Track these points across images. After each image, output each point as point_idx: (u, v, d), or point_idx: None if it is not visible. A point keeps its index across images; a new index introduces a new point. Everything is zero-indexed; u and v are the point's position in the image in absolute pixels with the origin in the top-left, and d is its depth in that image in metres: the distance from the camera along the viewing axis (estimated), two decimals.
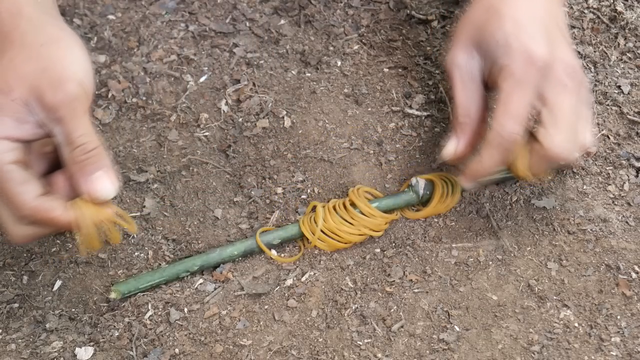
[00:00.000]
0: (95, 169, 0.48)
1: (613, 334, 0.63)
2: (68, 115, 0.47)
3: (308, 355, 0.61)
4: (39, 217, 0.49)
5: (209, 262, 0.66)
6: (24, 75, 0.47)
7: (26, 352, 0.60)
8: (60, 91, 0.46)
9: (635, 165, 0.75)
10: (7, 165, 0.47)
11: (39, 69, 0.47)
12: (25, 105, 0.47)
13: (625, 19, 0.88)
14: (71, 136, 0.47)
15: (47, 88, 0.46)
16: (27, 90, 0.46)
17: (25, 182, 0.48)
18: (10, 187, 0.47)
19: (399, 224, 0.70)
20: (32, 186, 0.48)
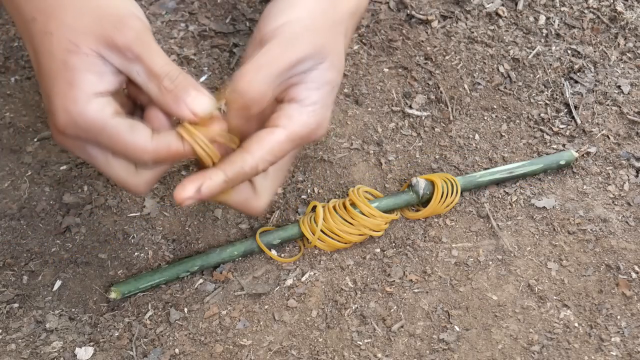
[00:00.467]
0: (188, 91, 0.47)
1: (613, 334, 0.63)
2: (143, 51, 0.46)
3: (308, 355, 0.61)
4: (161, 156, 0.48)
5: (209, 262, 0.66)
6: (84, 29, 0.46)
7: (26, 352, 0.60)
8: (127, 30, 0.45)
9: (635, 165, 0.75)
10: (112, 120, 0.46)
11: (97, 18, 0.46)
12: (99, 56, 0.46)
13: (625, 19, 0.88)
14: (154, 70, 0.46)
15: (113, 32, 0.45)
16: (94, 42, 0.46)
17: (134, 128, 0.47)
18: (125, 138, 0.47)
19: (399, 224, 0.70)
20: (142, 129, 0.48)
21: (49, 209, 0.68)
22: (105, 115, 0.46)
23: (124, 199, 0.70)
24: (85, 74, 0.46)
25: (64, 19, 0.46)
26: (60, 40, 0.46)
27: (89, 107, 0.46)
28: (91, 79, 0.46)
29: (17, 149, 0.72)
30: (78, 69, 0.45)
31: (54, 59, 0.46)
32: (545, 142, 0.77)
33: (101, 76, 0.46)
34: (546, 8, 0.90)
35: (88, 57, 0.45)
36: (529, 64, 0.84)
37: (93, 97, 0.46)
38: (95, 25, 0.46)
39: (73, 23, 0.46)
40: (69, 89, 0.46)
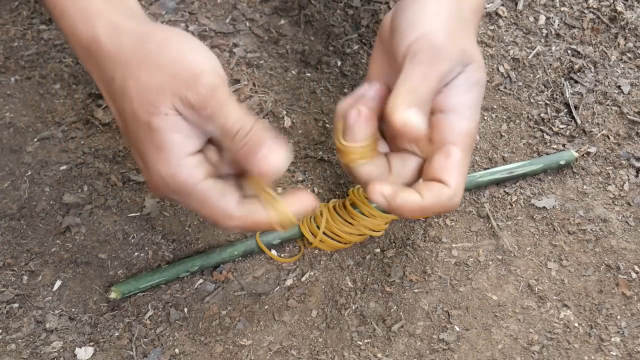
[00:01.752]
0: (258, 148, 0.45)
1: (613, 334, 0.63)
2: (216, 108, 0.45)
3: (308, 355, 0.61)
4: (247, 225, 0.48)
5: (209, 262, 0.66)
6: (160, 87, 0.44)
7: (26, 352, 0.60)
8: (200, 87, 0.44)
9: (635, 165, 0.75)
10: (202, 183, 0.46)
11: (170, 75, 0.45)
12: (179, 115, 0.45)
13: (625, 19, 0.88)
14: (225, 127, 0.45)
15: (186, 90, 0.44)
16: (170, 100, 0.44)
17: (223, 193, 0.46)
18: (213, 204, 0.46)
19: (399, 224, 0.70)
20: (231, 195, 0.47)
21: (49, 209, 0.68)
22: (195, 178, 0.45)
23: (124, 199, 0.70)
24: (171, 135, 0.45)
25: (140, 78, 0.45)
26: (140, 102, 0.45)
27: (180, 170, 0.45)
28: (178, 139, 0.45)
29: (17, 149, 0.72)
30: (162, 130, 0.45)
31: (138, 122, 0.45)
32: (545, 142, 0.77)
33: (187, 135, 0.45)
34: (546, 8, 0.90)
35: (169, 117, 0.45)
36: (529, 64, 0.84)
37: (184, 158, 0.45)
38: (169, 83, 0.44)
39: (149, 82, 0.45)
40: (158, 152, 0.45)
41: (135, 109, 0.45)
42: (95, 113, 0.76)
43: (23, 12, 0.84)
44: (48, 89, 0.78)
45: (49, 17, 0.83)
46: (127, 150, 0.73)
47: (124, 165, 0.72)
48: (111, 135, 0.74)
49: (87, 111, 0.76)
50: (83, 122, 0.75)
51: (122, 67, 0.46)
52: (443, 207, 0.48)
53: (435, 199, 0.48)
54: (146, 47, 0.46)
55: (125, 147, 0.74)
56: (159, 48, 0.46)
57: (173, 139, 0.45)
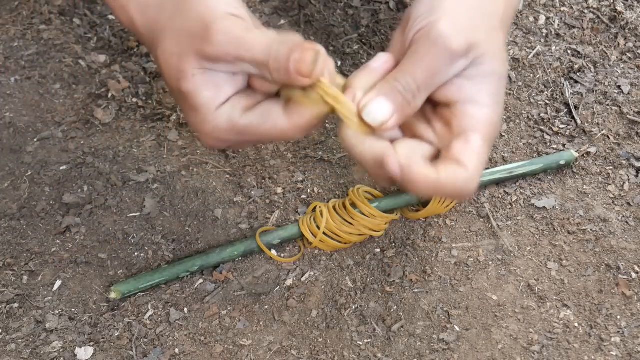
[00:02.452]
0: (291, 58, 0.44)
1: (613, 334, 0.63)
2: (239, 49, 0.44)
3: (308, 355, 0.61)
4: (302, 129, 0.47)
5: (209, 262, 0.66)
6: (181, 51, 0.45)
7: (26, 352, 0.60)
8: (215, 37, 0.44)
9: (635, 165, 0.75)
10: (242, 120, 0.46)
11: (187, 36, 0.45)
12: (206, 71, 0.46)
13: (625, 19, 0.88)
14: (257, 61, 0.45)
15: (203, 46, 0.44)
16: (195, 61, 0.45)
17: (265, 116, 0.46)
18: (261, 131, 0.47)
19: (399, 224, 0.70)
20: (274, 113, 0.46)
21: (49, 209, 0.68)
22: (234, 119, 0.46)
23: (124, 199, 0.70)
24: (202, 95, 0.46)
25: (164, 47, 0.47)
26: (169, 71, 0.46)
27: (217, 121, 0.46)
28: (208, 95, 0.46)
29: (17, 149, 0.72)
30: (192, 93, 0.46)
31: (172, 91, 0.47)
32: (545, 142, 0.77)
33: (218, 88, 0.46)
34: (546, 8, 0.90)
35: (196, 77, 0.45)
36: (529, 64, 0.84)
37: (219, 109, 0.46)
38: (189, 44, 0.45)
39: (171, 48, 0.46)
40: (195, 113, 0.46)
41: (167, 79, 0.47)
42: (95, 113, 0.76)
43: (23, 12, 0.84)
44: (48, 89, 0.78)
45: (49, 17, 0.83)
46: (127, 150, 0.73)
47: (124, 165, 0.72)
48: (111, 135, 0.74)
49: (87, 111, 0.76)
50: (83, 122, 0.75)
51: (154, 43, 0.48)
52: (458, 189, 0.46)
53: (452, 178, 0.46)
54: (165, 14, 0.47)
55: (125, 147, 0.74)
56: (175, 10, 0.47)
57: (205, 97, 0.46)
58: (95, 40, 0.82)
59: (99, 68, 0.79)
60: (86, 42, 0.82)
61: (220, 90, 0.46)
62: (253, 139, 0.48)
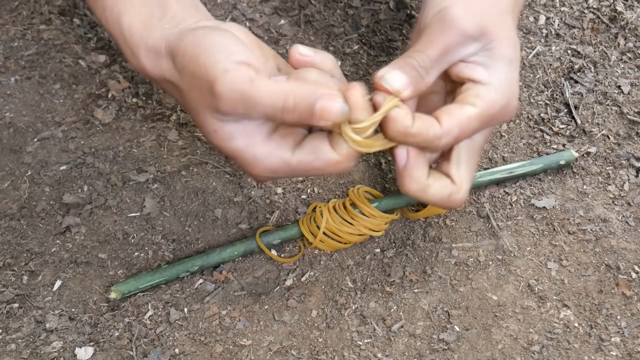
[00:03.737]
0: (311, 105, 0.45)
1: (613, 334, 0.63)
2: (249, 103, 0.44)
3: (308, 355, 0.61)
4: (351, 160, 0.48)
5: (209, 262, 0.66)
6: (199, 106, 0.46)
7: (26, 352, 0.60)
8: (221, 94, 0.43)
9: (635, 165, 0.75)
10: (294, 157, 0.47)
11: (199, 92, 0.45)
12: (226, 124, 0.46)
13: (625, 19, 0.88)
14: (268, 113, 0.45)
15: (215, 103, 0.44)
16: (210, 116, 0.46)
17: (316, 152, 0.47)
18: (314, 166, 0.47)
19: (399, 224, 0.70)
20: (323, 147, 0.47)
21: (49, 209, 0.68)
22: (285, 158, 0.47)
23: (124, 199, 0.70)
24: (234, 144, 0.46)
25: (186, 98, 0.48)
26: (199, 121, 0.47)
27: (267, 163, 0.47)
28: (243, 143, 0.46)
29: (17, 149, 0.72)
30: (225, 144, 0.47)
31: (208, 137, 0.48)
32: (545, 142, 0.77)
33: (248, 134, 0.46)
34: (546, 8, 0.90)
35: (219, 132, 0.46)
36: (529, 64, 0.84)
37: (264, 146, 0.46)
38: (202, 101, 0.46)
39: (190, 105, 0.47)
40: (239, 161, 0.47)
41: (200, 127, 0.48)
42: (95, 113, 0.76)
43: (23, 12, 0.84)
44: (48, 89, 0.78)
45: (49, 17, 0.83)
46: (127, 150, 0.73)
47: (124, 165, 0.72)
48: (111, 135, 0.74)
49: (87, 111, 0.76)
50: (83, 122, 0.75)
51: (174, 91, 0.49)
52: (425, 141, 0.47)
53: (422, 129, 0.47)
54: (177, 66, 0.48)
55: (125, 147, 0.74)
56: (185, 62, 0.46)
57: (239, 146, 0.46)
58: (95, 40, 0.82)
59: (99, 68, 0.79)
60: (86, 42, 0.82)
61: (250, 135, 0.46)
62: (306, 174, 0.49)
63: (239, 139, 0.46)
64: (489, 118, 0.49)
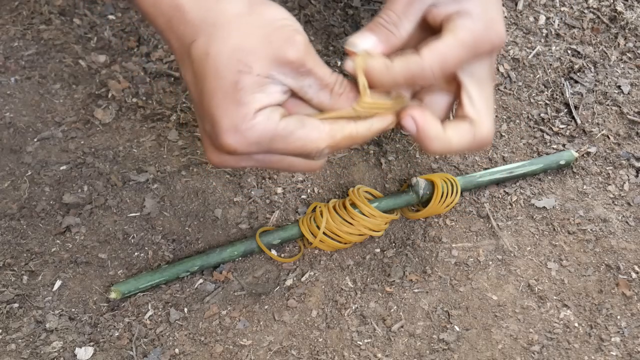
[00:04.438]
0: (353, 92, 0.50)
1: (613, 334, 0.63)
2: (314, 64, 0.48)
3: (308, 355, 0.61)
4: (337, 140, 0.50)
5: (209, 262, 0.66)
6: (254, 49, 0.47)
7: (26, 352, 0.60)
8: (297, 46, 0.47)
9: (635, 165, 0.75)
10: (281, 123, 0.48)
11: (264, 37, 0.47)
12: (269, 77, 0.48)
13: (625, 19, 0.88)
14: (325, 80, 0.49)
15: (285, 49, 0.47)
16: (267, 62, 0.47)
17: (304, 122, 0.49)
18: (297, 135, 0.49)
19: (399, 224, 0.70)
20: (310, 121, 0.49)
21: (49, 209, 0.68)
22: (274, 121, 0.48)
23: (124, 199, 0.70)
24: (255, 94, 0.47)
25: (228, 40, 0.47)
26: (229, 61, 0.47)
27: (256, 120, 0.47)
28: (260, 97, 0.47)
29: (17, 149, 0.72)
30: (249, 89, 0.47)
31: (223, 80, 0.47)
32: (545, 142, 0.77)
33: (269, 94, 0.48)
34: (546, 8, 0.90)
35: (259, 78, 0.47)
36: (529, 64, 0.84)
37: (261, 110, 0.47)
38: (265, 45, 0.47)
39: (241, 43, 0.47)
40: (237, 108, 0.47)
41: (220, 69, 0.47)
42: (95, 113, 0.76)
43: (23, 12, 0.84)
44: (48, 89, 0.78)
45: (49, 17, 0.83)
46: (127, 150, 0.73)
47: (124, 165, 0.72)
48: (111, 135, 0.74)
49: (87, 111, 0.76)
50: (83, 122, 0.75)
51: (207, 30, 0.48)
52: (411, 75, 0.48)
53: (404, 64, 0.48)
54: (234, 10, 0.48)
55: (125, 147, 0.74)
56: (248, 10, 0.48)
57: (256, 97, 0.47)
58: (95, 40, 0.82)
59: (99, 68, 0.79)
60: (86, 42, 0.82)
61: (270, 97, 0.48)
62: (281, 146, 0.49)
63: (260, 92, 0.47)
64: (471, 44, 0.49)
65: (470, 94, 0.51)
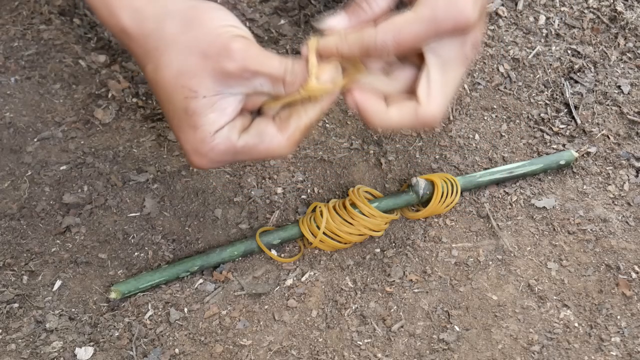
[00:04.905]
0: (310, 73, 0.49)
1: (613, 334, 0.63)
2: (257, 64, 0.47)
3: (308, 355, 0.61)
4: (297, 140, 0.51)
5: (209, 262, 0.66)
6: (194, 70, 0.47)
7: (26, 352, 0.60)
8: (234, 54, 0.46)
9: (635, 165, 0.75)
10: (240, 142, 0.49)
11: (201, 54, 0.47)
12: (217, 95, 0.48)
13: (625, 19, 0.88)
14: (274, 75, 0.48)
15: (223, 62, 0.47)
16: (210, 81, 0.47)
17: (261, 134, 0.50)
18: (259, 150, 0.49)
19: (399, 224, 0.70)
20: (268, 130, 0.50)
21: (49, 209, 0.68)
22: (233, 141, 0.48)
23: (124, 199, 0.70)
24: (207, 116, 0.47)
25: (170, 67, 0.47)
26: (175, 89, 0.47)
27: (216, 142, 0.48)
28: (213, 117, 0.48)
29: (17, 149, 0.72)
30: (200, 112, 0.47)
31: (174, 106, 0.48)
32: (545, 142, 0.77)
33: (222, 112, 0.48)
34: (546, 8, 0.90)
35: (207, 99, 0.47)
36: (529, 64, 0.84)
37: (219, 131, 0.48)
38: (204, 64, 0.47)
39: (182, 68, 0.47)
40: (194, 132, 0.48)
41: (169, 96, 0.48)
42: (95, 113, 0.76)
43: (23, 12, 0.84)
44: (48, 89, 0.78)
45: (49, 17, 0.83)
46: (127, 150, 0.73)
47: (124, 165, 0.72)
48: (111, 135, 0.74)
49: (87, 111, 0.76)
50: (83, 122, 0.75)
51: (152, 56, 0.48)
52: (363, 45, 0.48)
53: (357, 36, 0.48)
54: (170, 30, 0.48)
55: (125, 147, 0.74)
56: (183, 28, 0.48)
57: (210, 118, 0.48)
58: (95, 40, 0.82)
59: (99, 68, 0.79)
60: (86, 42, 0.82)
61: (223, 114, 0.48)
62: (247, 158, 0.50)
63: (213, 113, 0.47)
64: (430, 20, 0.48)
65: (429, 73, 0.50)
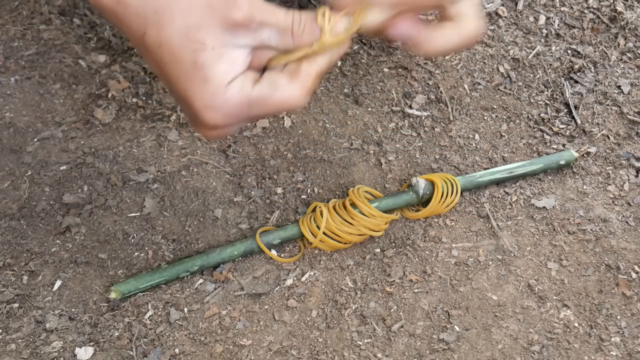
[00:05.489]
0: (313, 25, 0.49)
1: (613, 334, 0.63)
2: (263, 15, 0.47)
3: (308, 355, 0.61)
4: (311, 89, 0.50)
5: (209, 262, 0.66)
6: (200, 23, 0.47)
7: (26, 352, 0.60)
8: (238, 6, 0.46)
9: (635, 165, 0.75)
10: (254, 92, 0.48)
11: (206, 8, 0.47)
12: (225, 45, 0.47)
13: (625, 19, 0.88)
14: (281, 25, 0.48)
15: (230, 12, 0.46)
16: (218, 31, 0.47)
17: (275, 84, 0.49)
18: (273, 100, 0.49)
19: (399, 224, 0.70)
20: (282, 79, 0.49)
21: (49, 209, 0.68)
22: (247, 91, 0.48)
23: (124, 199, 0.70)
24: (218, 67, 0.47)
25: (174, 24, 0.47)
26: (182, 44, 0.47)
27: (230, 93, 0.47)
28: (224, 68, 0.47)
29: (17, 149, 0.72)
30: (209, 64, 0.47)
31: (182, 64, 0.47)
32: (545, 142, 0.77)
33: (232, 63, 0.48)
34: (546, 8, 0.90)
35: (216, 50, 0.47)
36: (529, 64, 0.84)
37: (232, 82, 0.47)
38: (210, 15, 0.46)
39: (187, 22, 0.47)
40: (205, 86, 0.47)
41: (177, 53, 0.47)
42: (95, 113, 0.76)
43: (23, 12, 0.84)
44: (48, 89, 0.78)
45: (49, 17, 0.83)
46: (127, 150, 0.73)
47: (124, 165, 0.72)
48: (111, 135, 0.74)
49: (87, 111, 0.76)
50: (83, 122, 0.75)
51: (152, 20, 0.48)
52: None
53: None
54: None
55: (125, 147, 0.74)
56: None
57: (221, 69, 0.47)
58: (95, 40, 0.82)
59: (99, 68, 0.79)
60: (86, 42, 0.82)
61: (234, 65, 0.48)
62: (262, 111, 0.49)
63: (223, 64, 0.47)
64: None
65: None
